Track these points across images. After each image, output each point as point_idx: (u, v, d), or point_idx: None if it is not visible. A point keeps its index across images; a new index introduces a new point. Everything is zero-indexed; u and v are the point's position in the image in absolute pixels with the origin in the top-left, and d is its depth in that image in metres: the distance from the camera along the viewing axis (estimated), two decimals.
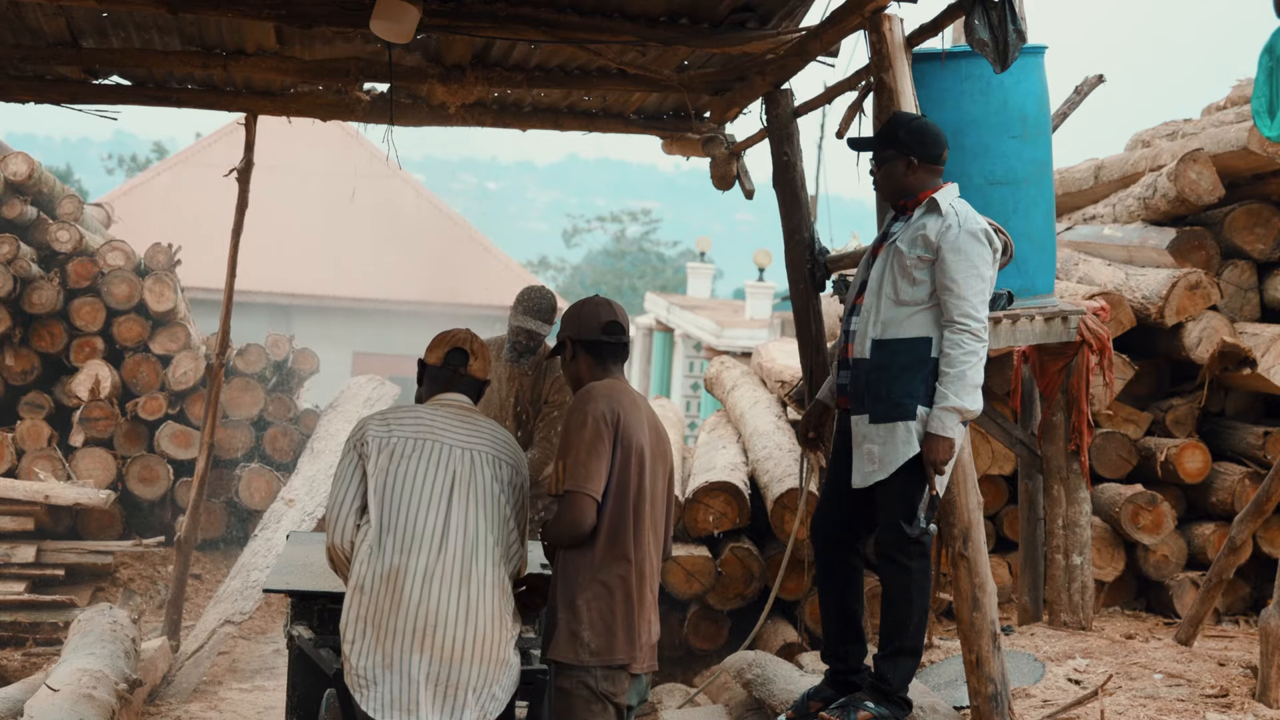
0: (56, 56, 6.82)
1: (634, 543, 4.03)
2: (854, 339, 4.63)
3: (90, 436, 10.20)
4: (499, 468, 4.06)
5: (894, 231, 4.65)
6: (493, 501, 4.00)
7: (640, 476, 4.05)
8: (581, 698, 3.96)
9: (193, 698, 7.89)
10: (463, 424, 4.09)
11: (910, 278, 4.49)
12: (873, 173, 4.77)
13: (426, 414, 4.09)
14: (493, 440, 4.11)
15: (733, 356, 12.40)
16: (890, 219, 4.77)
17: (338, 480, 4.02)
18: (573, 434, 4.00)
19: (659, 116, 7.77)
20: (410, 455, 3.96)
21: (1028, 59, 5.57)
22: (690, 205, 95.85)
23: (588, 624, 3.96)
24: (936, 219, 4.50)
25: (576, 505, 3.95)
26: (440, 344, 4.25)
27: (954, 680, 5.84)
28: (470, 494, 3.96)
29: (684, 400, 24.18)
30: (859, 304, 4.66)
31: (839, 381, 4.73)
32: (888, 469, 4.48)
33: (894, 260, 4.53)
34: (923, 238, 4.48)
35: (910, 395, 4.45)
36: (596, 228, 57.85)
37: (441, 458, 3.98)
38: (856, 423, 4.56)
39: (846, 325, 4.72)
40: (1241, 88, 8.87)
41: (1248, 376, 7.30)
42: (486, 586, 3.91)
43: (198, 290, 14.20)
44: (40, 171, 10.42)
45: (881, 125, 4.78)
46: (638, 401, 4.14)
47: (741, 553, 7.59)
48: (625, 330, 4.25)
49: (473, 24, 6.05)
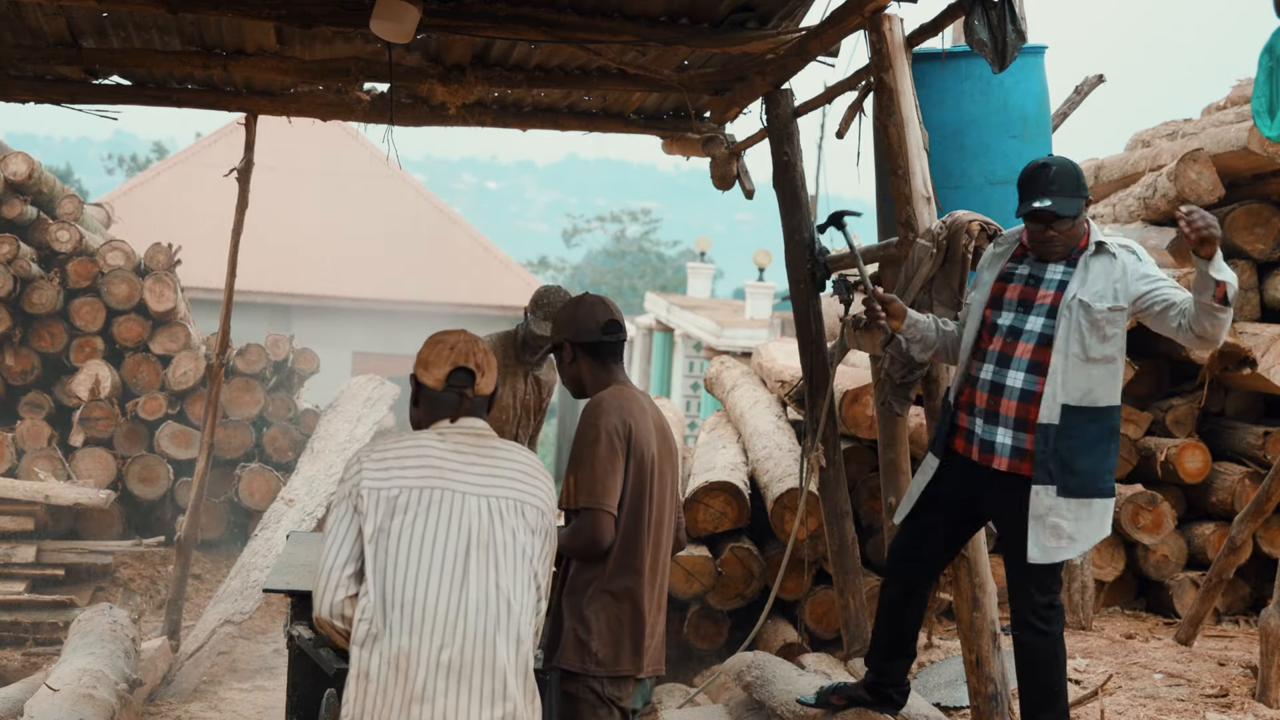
0: (56, 56, 6.82)
1: (646, 553, 4.00)
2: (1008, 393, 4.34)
3: (90, 436, 10.20)
4: (522, 514, 3.32)
5: (1019, 271, 4.44)
6: (517, 559, 3.28)
7: (651, 485, 4.01)
8: (587, 703, 3.94)
9: (193, 698, 7.89)
10: (479, 460, 3.32)
11: (1102, 333, 4.27)
12: (1041, 230, 4.36)
13: (434, 449, 3.30)
14: (514, 476, 3.35)
15: (733, 356, 12.39)
16: (1007, 256, 4.51)
17: (329, 537, 3.25)
18: (586, 449, 3.92)
19: (659, 116, 7.77)
20: (416, 511, 3.22)
21: (1028, 59, 5.57)
22: (690, 205, 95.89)
23: (596, 634, 3.93)
24: (1108, 261, 4.31)
25: (597, 523, 3.88)
26: (438, 360, 3.43)
27: (954, 680, 5.85)
28: (490, 555, 3.24)
29: (684, 400, 24.17)
30: (996, 349, 4.39)
31: (1005, 441, 4.36)
32: (1079, 548, 4.29)
33: (1080, 317, 4.27)
34: (1113, 289, 4.27)
35: (1108, 471, 4.29)
36: (596, 228, 57.85)
37: (454, 512, 3.24)
38: (1040, 493, 4.26)
39: (972, 370, 4.45)
40: (1241, 88, 8.87)
41: (1248, 376, 7.30)
42: (512, 673, 3.23)
43: (198, 290, 14.20)
44: (40, 171, 10.42)
45: (1051, 178, 4.32)
46: (645, 406, 4.09)
47: (741, 553, 7.59)
48: (624, 327, 4.18)
49: (473, 24, 6.05)
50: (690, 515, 7.68)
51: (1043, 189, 4.30)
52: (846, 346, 6.24)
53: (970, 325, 4.52)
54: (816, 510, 6.76)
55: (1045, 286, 4.38)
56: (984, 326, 4.46)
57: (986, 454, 4.40)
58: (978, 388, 4.42)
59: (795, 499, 7.05)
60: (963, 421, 4.49)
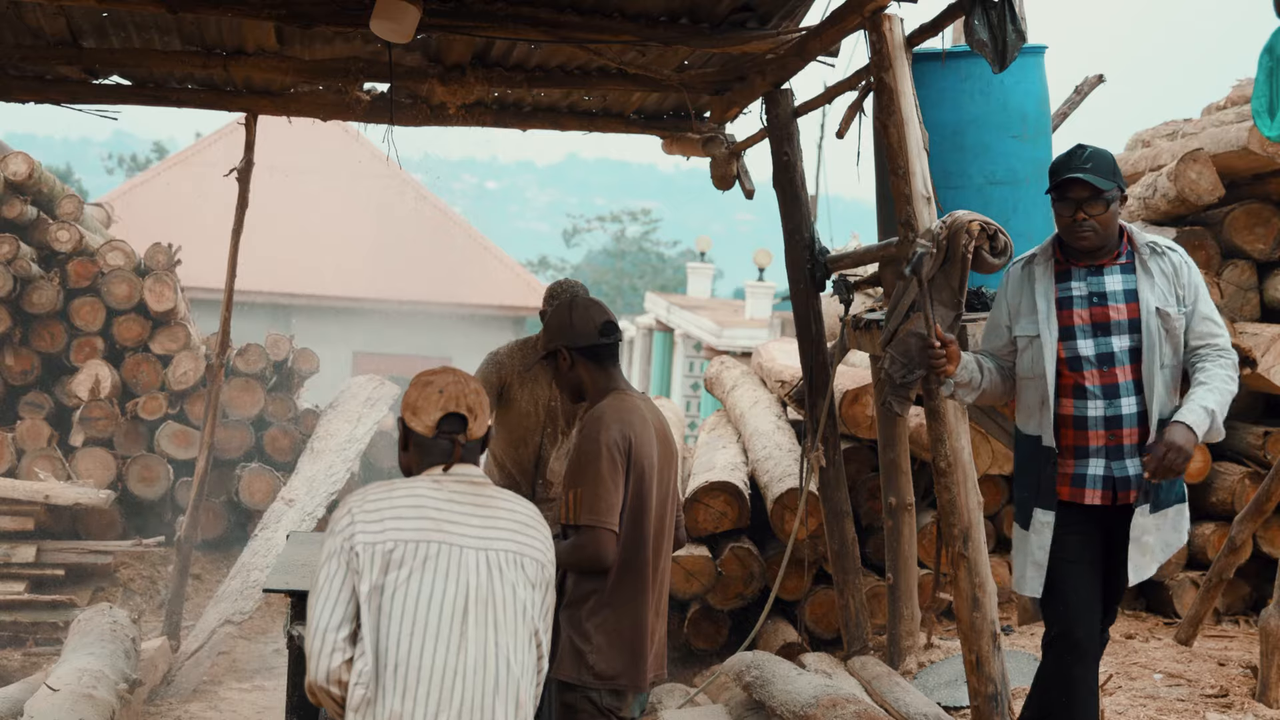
0: (56, 56, 6.82)
1: (648, 564, 3.97)
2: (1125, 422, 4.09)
3: (90, 436, 10.19)
4: (521, 567, 3.15)
5: (1076, 292, 4.17)
6: (517, 617, 3.12)
7: (652, 496, 3.96)
8: (585, 713, 3.92)
9: (193, 697, 7.89)
10: (475, 510, 3.15)
11: (1176, 339, 4.09)
12: (1071, 211, 4.12)
13: (429, 499, 3.12)
14: (512, 528, 3.18)
15: (733, 356, 12.39)
16: (1049, 277, 4.22)
17: (318, 597, 3.04)
18: (588, 464, 3.86)
19: (659, 116, 7.77)
20: (412, 566, 3.04)
21: (1028, 59, 5.57)
22: (690, 205, 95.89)
23: (595, 648, 3.91)
24: (1162, 260, 4.12)
25: (599, 541, 3.84)
26: (427, 406, 3.21)
27: (954, 680, 5.85)
28: (489, 613, 3.08)
29: (684, 400, 24.16)
30: (1095, 384, 4.12)
31: (1136, 472, 4.09)
32: (1159, 560, 4.13)
33: (1159, 326, 4.07)
34: (1175, 293, 4.09)
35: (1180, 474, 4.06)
36: (596, 228, 57.86)
37: (452, 568, 3.06)
38: (1136, 515, 4.07)
39: (1066, 409, 4.15)
40: (1241, 88, 8.86)
41: (1248, 376, 7.29)
42: None
43: (198, 290, 14.19)
44: (40, 171, 10.42)
45: (1086, 157, 4.14)
46: (645, 415, 4.03)
47: (741, 553, 7.59)
48: (619, 327, 4.14)
49: (473, 24, 6.04)
50: (690, 515, 7.68)
51: (1076, 166, 4.10)
52: (846, 346, 6.26)
53: (1040, 364, 4.19)
54: (816, 510, 6.76)
55: (1113, 300, 4.13)
56: (1062, 363, 4.15)
57: (1122, 491, 4.12)
58: (1089, 427, 4.12)
59: (795, 499, 7.05)
60: (1068, 468, 4.16)
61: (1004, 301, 4.37)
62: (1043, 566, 4.19)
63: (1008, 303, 4.35)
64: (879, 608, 7.04)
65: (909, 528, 6.32)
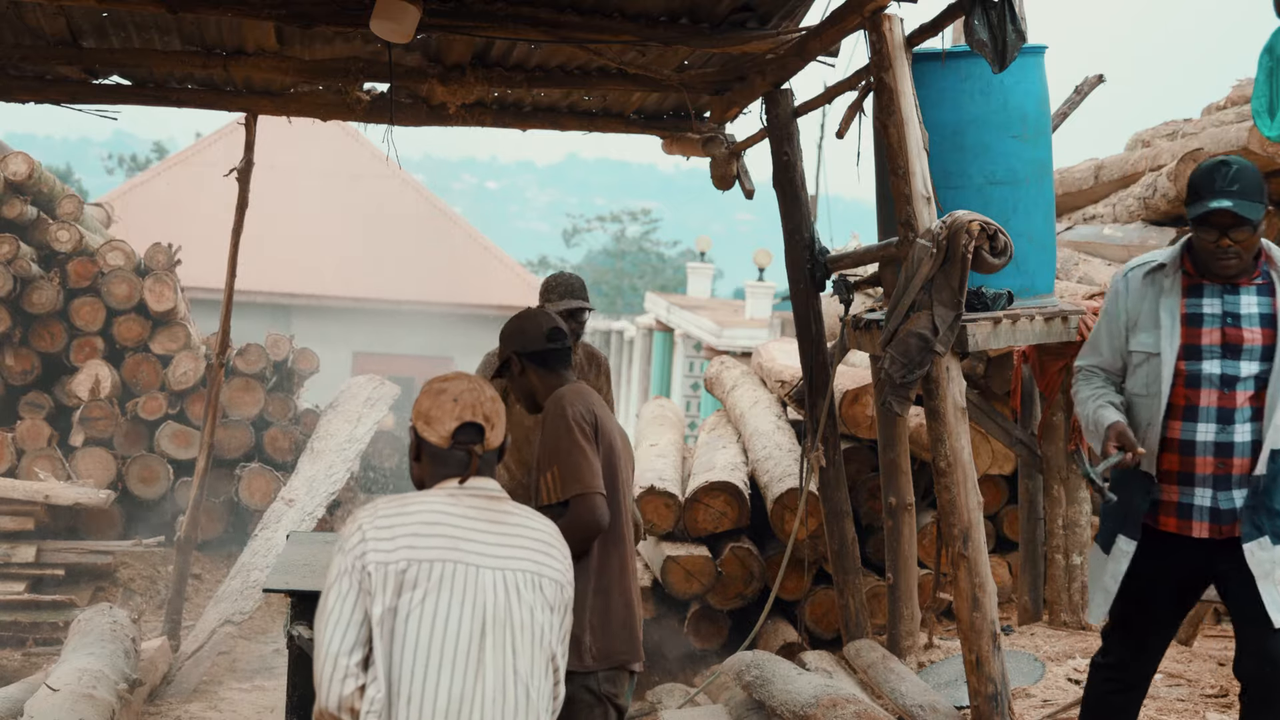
0: (56, 56, 6.82)
1: (624, 540, 4.06)
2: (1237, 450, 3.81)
3: (90, 436, 10.20)
4: (540, 588, 2.97)
5: (1208, 310, 3.86)
6: (535, 640, 2.95)
7: (619, 473, 4.07)
8: (585, 703, 3.95)
9: (193, 697, 7.89)
10: (492, 527, 2.97)
11: None
12: (1214, 237, 3.78)
13: (445, 515, 2.94)
14: (530, 546, 3.00)
15: (733, 356, 12.39)
16: (1175, 290, 3.90)
17: (328, 619, 2.86)
18: (561, 439, 3.93)
19: (659, 116, 7.77)
20: (427, 588, 2.86)
21: (1028, 59, 5.57)
22: (690, 205, 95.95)
23: (588, 628, 3.95)
24: None
25: (592, 505, 3.89)
26: (442, 415, 3.02)
27: (954, 680, 5.85)
28: (507, 636, 2.91)
29: (684, 400, 24.16)
30: (1212, 405, 3.82)
31: (1240, 504, 3.82)
32: None
33: None
34: None
35: None
36: (596, 227, 57.89)
37: (469, 589, 2.89)
38: (1255, 550, 3.78)
39: (1173, 433, 3.86)
40: (1241, 88, 8.86)
41: None
42: None
43: (198, 290, 14.20)
44: (40, 171, 10.42)
45: (1231, 177, 3.76)
46: (601, 401, 4.16)
47: (741, 553, 7.59)
48: (566, 333, 4.21)
49: (473, 24, 6.04)
50: (690, 515, 7.68)
51: (1220, 188, 3.73)
52: (846, 346, 6.26)
53: (1156, 383, 3.90)
54: (816, 510, 6.76)
55: (1248, 324, 3.81)
56: (1179, 377, 3.85)
57: (1228, 525, 3.83)
58: (1196, 453, 3.83)
59: (795, 499, 7.05)
60: (1171, 494, 3.88)
61: (1121, 310, 4.02)
62: (1111, 594, 3.98)
63: (1126, 312, 4.01)
64: (879, 608, 7.04)
65: (909, 528, 6.32)
